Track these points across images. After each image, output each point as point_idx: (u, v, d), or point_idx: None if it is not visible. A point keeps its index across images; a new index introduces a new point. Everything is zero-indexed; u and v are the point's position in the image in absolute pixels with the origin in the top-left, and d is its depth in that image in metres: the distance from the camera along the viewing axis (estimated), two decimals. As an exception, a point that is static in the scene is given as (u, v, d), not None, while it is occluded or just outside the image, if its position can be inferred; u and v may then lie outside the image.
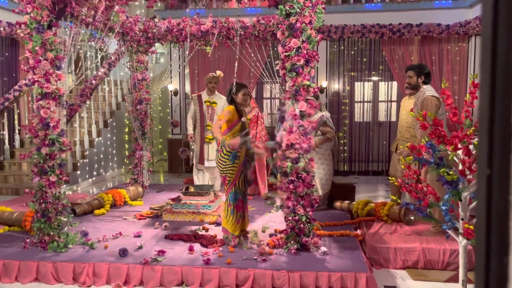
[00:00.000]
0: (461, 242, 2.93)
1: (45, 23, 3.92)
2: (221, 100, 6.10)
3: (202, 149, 6.11)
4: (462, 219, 2.87)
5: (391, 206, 4.68)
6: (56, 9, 4.03)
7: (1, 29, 7.71)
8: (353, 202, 5.22)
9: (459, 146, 2.76)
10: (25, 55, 4.00)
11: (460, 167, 2.81)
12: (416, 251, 3.87)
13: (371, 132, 9.02)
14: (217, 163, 4.23)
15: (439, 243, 3.93)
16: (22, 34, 3.98)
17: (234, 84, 4.30)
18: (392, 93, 9.00)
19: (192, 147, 6.50)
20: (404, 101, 5.08)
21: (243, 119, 4.19)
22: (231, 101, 4.23)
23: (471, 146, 2.72)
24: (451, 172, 2.79)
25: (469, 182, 2.79)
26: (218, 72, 6.19)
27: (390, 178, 4.07)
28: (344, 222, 4.77)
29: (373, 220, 4.72)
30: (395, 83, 8.84)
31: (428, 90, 4.36)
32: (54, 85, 3.97)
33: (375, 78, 9.02)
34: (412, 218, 4.57)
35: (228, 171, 4.12)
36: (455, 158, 2.87)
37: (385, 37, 8.23)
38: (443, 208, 2.86)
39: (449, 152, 2.81)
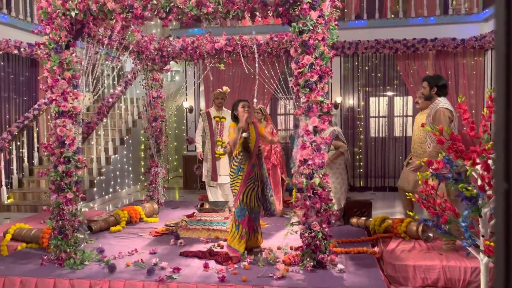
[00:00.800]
0: (482, 259, 2.85)
1: (63, 43, 4.02)
2: (229, 115, 6.14)
3: (214, 166, 6.13)
4: (483, 236, 2.80)
5: (409, 222, 4.60)
6: (74, 29, 4.14)
7: (22, 49, 7.94)
8: (370, 219, 5.14)
9: (478, 161, 2.71)
10: (44, 74, 4.10)
11: (479, 182, 2.76)
12: (436, 269, 3.77)
13: (387, 147, 8.93)
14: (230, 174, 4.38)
15: (459, 261, 3.83)
16: (41, 55, 4.09)
17: (235, 102, 4.40)
18: (407, 108, 8.93)
19: (207, 164, 6.51)
20: (417, 116, 5.06)
21: (244, 134, 4.22)
22: (235, 118, 4.29)
23: (489, 161, 2.66)
24: (470, 188, 2.74)
25: (489, 198, 2.73)
26: (225, 88, 6.25)
27: (407, 194, 4.01)
28: (361, 239, 4.70)
29: (391, 237, 4.63)
30: (410, 98, 8.77)
31: (441, 103, 4.31)
32: (71, 103, 4.06)
33: (390, 93, 8.98)
34: (431, 235, 4.48)
35: (234, 184, 4.20)
36: (473, 173, 2.81)
37: (400, 52, 8.21)
38: (463, 224, 2.80)
39: (467, 167, 2.76)
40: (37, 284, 3.68)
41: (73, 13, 3.93)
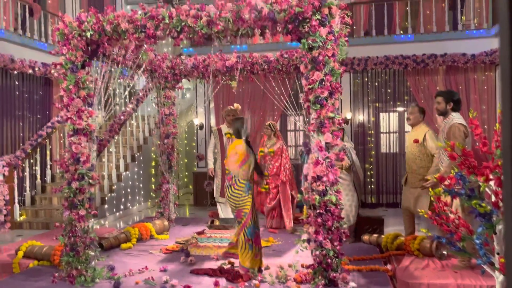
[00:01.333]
0: (498, 277, 2.79)
1: (79, 63, 4.12)
2: None
3: (223, 182, 6.14)
4: (498, 254, 2.74)
5: (422, 239, 4.52)
6: (89, 49, 4.23)
7: (36, 69, 8.11)
8: (382, 236, 5.07)
9: (491, 176, 2.68)
10: (60, 93, 4.19)
11: (493, 198, 2.72)
12: (450, 287, 3.69)
13: (398, 163, 8.86)
14: (229, 198, 4.18)
15: (474, 279, 3.74)
16: (56, 74, 4.18)
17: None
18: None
19: (216, 181, 6.53)
20: (410, 133, 5.04)
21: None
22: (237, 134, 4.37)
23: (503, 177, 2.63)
24: (483, 204, 2.70)
25: (503, 214, 2.68)
26: (236, 105, 6.29)
27: (419, 211, 3.95)
28: (373, 256, 4.63)
29: (404, 254, 4.56)
30: (421, 113, 8.72)
31: (456, 118, 4.28)
32: (85, 121, 4.12)
33: (400, 109, 8.95)
34: (445, 252, 4.40)
35: (244, 204, 4.10)
36: (487, 189, 2.78)
37: (409, 68, 8.21)
38: (477, 241, 2.75)
39: (480, 183, 2.73)
40: (48, 301, 3.68)
41: (88, 34, 4.03)
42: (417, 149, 4.83)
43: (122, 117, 8.72)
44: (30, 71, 8.02)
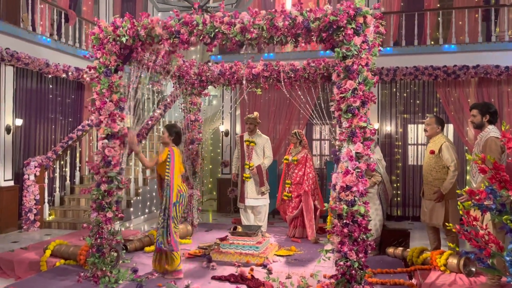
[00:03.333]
0: (530, 297, 2.68)
1: (113, 67, 4.23)
2: (261, 139, 6.17)
3: (242, 188, 6.16)
4: (530, 272, 2.64)
5: (449, 255, 4.40)
6: (123, 54, 4.34)
7: (69, 73, 8.37)
8: (407, 249, 4.96)
9: (524, 192, 2.58)
10: (92, 97, 4.30)
11: (526, 214, 2.62)
12: (478, 305, 3.57)
13: (425, 176, 8.66)
14: None
15: (504, 298, 3.61)
16: (88, 78, 4.31)
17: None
18: (447, 136, 8.66)
19: (235, 187, 6.58)
20: (428, 145, 4.95)
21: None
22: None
23: (537, 193, 2.54)
24: (515, 220, 2.60)
25: (536, 232, 2.58)
26: (255, 114, 6.32)
27: (447, 224, 3.85)
28: (398, 270, 4.53)
29: (430, 269, 4.44)
30: (451, 126, 8.53)
31: (492, 131, 4.16)
32: (119, 125, 4.22)
33: (429, 121, 8.76)
34: (473, 269, 4.25)
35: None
36: (519, 205, 2.68)
37: (440, 79, 8.06)
38: (507, 259, 2.65)
39: (512, 198, 2.64)
40: (73, 300, 3.76)
41: (123, 39, 4.14)
42: (433, 160, 4.76)
43: (149, 122, 8.89)
44: (64, 75, 8.28)
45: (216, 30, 3.94)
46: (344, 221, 3.54)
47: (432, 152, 4.78)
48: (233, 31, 3.88)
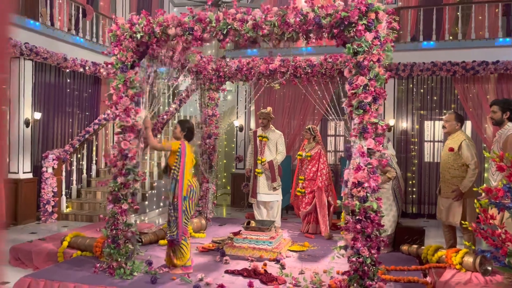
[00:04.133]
0: (548, 298, 2.63)
1: (129, 63, 4.29)
2: (274, 134, 6.17)
3: (254, 183, 6.17)
4: (548, 272, 2.59)
5: (465, 253, 4.34)
6: (139, 50, 4.39)
7: (87, 68, 8.48)
8: (422, 247, 4.91)
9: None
10: (110, 92, 4.38)
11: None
12: (494, 305, 3.52)
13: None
14: None
15: (521, 298, 3.55)
16: (104, 73, 4.38)
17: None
18: (465, 133, 8.53)
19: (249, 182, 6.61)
20: (447, 142, 4.86)
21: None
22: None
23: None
24: (533, 219, 2.56)
25: (555, 231, 2.54)
26: (268, 109, 6.31)
27: (463, 222, 3.80)
28: (413, 267, 4.49)
29: (445, 267, 4.39)
30: (469, 123, 8.40)
31: None
32: (133, 119, 4.28)
33: (446, 117, 8.63)
34: (490, 268, 4.19)
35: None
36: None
37: (458, 75, 7.93)
38: (525, 258, 2.61)
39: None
40: (89, 291, 3.83)
41: (139, 36, 4.19)
42: (452, 158, 4.68)
43: (165, 117, 8.96)
44: (81, 69, 8.39)
45: (229, 27, 3.95)
46: (357, 217, 3.52)
47: (451, 149, 4.70)
48: (245, 27, 3.89)
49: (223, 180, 11.86)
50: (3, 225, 1.08)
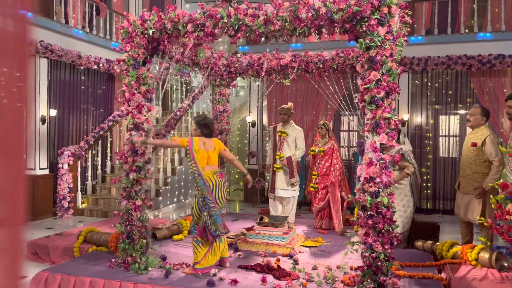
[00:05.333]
0: None
1: (141, 60, 4.32)
2: (293, 130, 6.14)
3: (273, 178, 6.17)
4: None
5: (481, 249, 4.28)
6: (150, 47, 4.41)
7: (101, 65, 8.56)
8: (437, 243, 4.86)
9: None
10: (122, 88, 4.41)
11: None
12: (510, 301, 3.47)
13: (457, 169, 8.44)
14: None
15: (538, 295, 3.50)
16: (118, 70, 4.41)
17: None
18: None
19: (268, 177, 6.59)
20: (467, 136, 4.74)
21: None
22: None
23: None
24: (551, 215, 2.51)
25: None
26: (289, 104, 6.28)
27: (479, 218, 3.75)
28: (427, 263, 4.45)
29: (460, 263, 4.34)
30: (484, 117, 8.26)
31: None
32: (144, 116, 4.31)
33: (462, 112, 8.52)
34: (506, 264, 4.13)
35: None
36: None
37: (474, 69, 7.81)
38: (543, 254, 2.57)
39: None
40: (104, 285, 3.89)
41: (150, 32, 4.21)
42: (474, 153, 4.59)
43: (178, 113, 9.00)
44: (95, 66, 8.48)
45: (240, 23, 3.94)
46: (369, 213, 3.50)
47: (474, 144, 4.59)
48: (256, 23, 3.88)
49: (236, 176, 11.89)
50: (24, 221, 1.10)
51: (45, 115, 7.54)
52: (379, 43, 3.48)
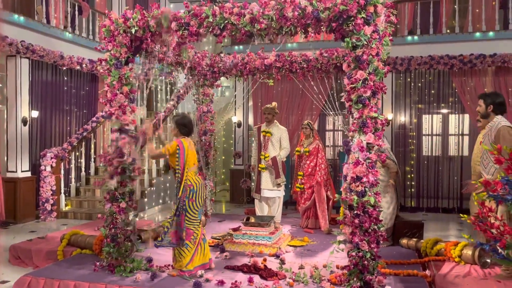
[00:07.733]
0: (546, 289, 2.65)
1: (123, 59, 4.25)
2: (278, 130, 6.14)
3: (258, 179, 6.16)
4: (547, 264, 2.60)
5: (464, 246, 4.36)
6: (133, 46, 4.36)
7: (84, 65, 8.45)
8: (421, 240, 4.93)
9: (541, 183, 2.55)
10: (104, 89, 4.34)
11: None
12: (493, 297, 3.54)
13: (440, 167, 8.58)
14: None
15: (520, 290, 3.57)
16: (101, 70, 4.34)
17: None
18: (463, 127, 8.55)
19: (254, 177, 6.59)
20: (479, 135, 4.82)
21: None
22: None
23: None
24: (532, 211, 2.57)
25: (553, 223, 2.54)
26: (274, 104, 6.28)
27: (462, 215, 3.81)
28: (412, 261, 4.51)
29: (444, 260, 4.41)
30: (467, 116, 8.41)
31: (503, 121, 4.09)
32: (129, 116, 4.25)
33: (444, 111, 8.65)
34: (488, 260, 4.21)
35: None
36: (536, 196, 2.64)
37: (455, 69, 7.94)
38: (524, 250, 2.62)
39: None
40: (89, 288, 3.84)
41: (133, 30, 4.15)
42: (481, 153, 4.62)
43: (163, 114, 8.94)
44: (78, 67, 8.36)
45: (226, 22, 3.92)
46: (355, 212, 3.52)
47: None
48: (242, 21, 3.87)
49: (222, 177, 11.86)
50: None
51: (26, 116, 7.41)
52: (365, 42, 3.50)
